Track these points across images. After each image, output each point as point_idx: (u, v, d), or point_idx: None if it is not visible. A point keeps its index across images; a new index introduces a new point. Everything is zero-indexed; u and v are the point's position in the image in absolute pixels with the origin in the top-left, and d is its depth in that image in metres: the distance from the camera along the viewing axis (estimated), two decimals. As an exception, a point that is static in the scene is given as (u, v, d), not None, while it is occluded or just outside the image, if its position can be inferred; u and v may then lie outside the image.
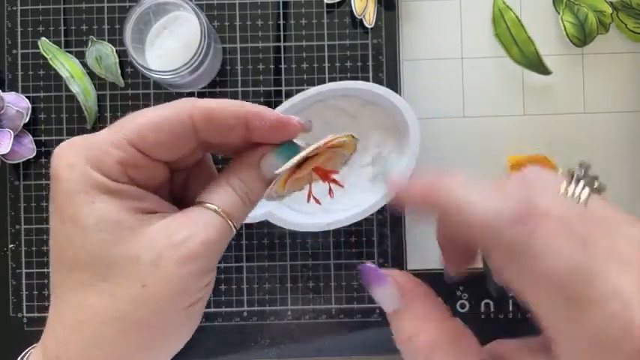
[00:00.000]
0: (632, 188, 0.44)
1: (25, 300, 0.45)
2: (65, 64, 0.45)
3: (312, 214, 0.42)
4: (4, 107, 0.43)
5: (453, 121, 0.45)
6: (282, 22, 0.45)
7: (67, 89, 0.45)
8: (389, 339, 0.24)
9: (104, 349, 0.22)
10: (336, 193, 0.42)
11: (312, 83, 0.45)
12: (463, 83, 0.45)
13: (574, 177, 0.22)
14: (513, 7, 0.44)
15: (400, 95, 0.44)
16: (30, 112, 0.44)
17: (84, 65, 0.45)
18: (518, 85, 0.45)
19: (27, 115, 0.44)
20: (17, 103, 0.44)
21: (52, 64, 0.44)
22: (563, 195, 0.22)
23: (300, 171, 0.27)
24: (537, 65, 0.44)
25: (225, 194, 0.25)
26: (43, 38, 0.45)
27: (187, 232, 0.23)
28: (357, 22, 0.45)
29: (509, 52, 0.44)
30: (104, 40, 0.45)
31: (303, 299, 0.44)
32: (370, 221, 0.44)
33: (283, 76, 0.45)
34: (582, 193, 0.22)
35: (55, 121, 0.45)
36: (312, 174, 0.28)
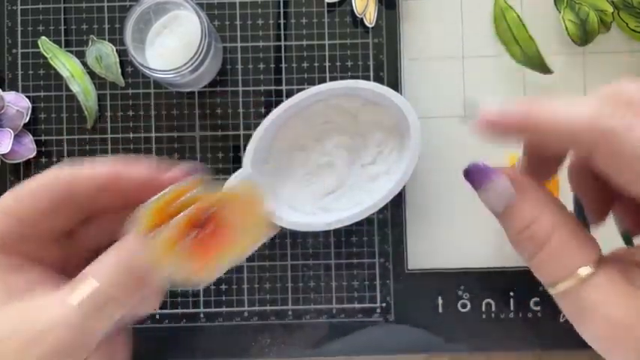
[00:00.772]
0: (634, 188, 0.44)
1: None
2: (65, 64, 0.44)
3: (313, 214, 0.42)
4: (4, 107, 0.43)
5: (454, 120, 0.45)
6: (282, 22, 0.45)
7: (68, 89, 0.45)
8: (390, 339, 0.24)
9: None
10: (336, 193, 0.43)
11: (312, 82, 0.44)
12: (464, 82, 0.45)
13: None
14: (514, 6, 0.44)
15: (401, 94, 0.44)
16: (30, 111, 0.44)
17: (84, 64, 0.45)
18: (520, 84, 0.45)
19: (27, 114, 0.44)
20: (17, 103, 0.44)
21: (52, 63, 0.44)
22: None
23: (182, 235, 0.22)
24: (538, 64, 0.44)
25: (102, 270, 0.22)
26: (43, 37, 0.45)
27: (39, 327, 0.21)
28: (357, 22, 0.45)
29: (510, 51, 0.44)
30: (104, 39, 0.45)
31: (304, 299, 0.44)
32: (370, 221, 0.44)
33: (284, 76, 0.45)
34: None
35: (55, 121, 0.45)
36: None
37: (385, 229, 0.44)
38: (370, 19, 0.44)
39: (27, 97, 0.44)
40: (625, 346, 0.22)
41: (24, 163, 0.44)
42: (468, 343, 0.44)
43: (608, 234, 0.28)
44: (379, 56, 0.45)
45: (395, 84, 0.44)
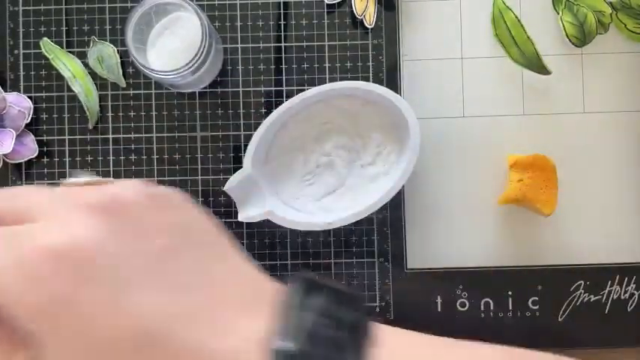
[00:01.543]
0: (632, 188, 0.44)
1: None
2: (67, 65, 0.45)
3: (313, 214, 0.43)
4: (6, 107, 0.43)
5: (453, 120, 0.45)
6: (282, 23, 0.45)
7: (69, 89, 0.45)
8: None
9: None
10: (336, 193, 0.43)
11: (312, 83, 0.45)
12: (463, 83, 0.45)
13: None
14: (513, 8, 0.44)
15: (400, 95, 0.44)
16: (32, 112, 0.44)
17: (85, 65, 0.45)
18: (518, 85, 0.45)
19: (29, 115, 0.44)
20: (19, 103, 0.44)
21: (53, 64, 0.45)
22: None
23: None
24: (537, 65, 0.44)
25: None
26: (45, 38, 0.45)
27: None
28: (357, 23, 0.45)
29: (509, 52, 0.44)
30: (106, 40, 0.45)
31: (304, 298, 0.45)
32: (370, 221, 0.44)
33: (284, 76, 0.45)
34: None
35: (57, 121, 0.45)
36: None
37: (384, 228, 0.45)
38: (370, 20, 0.45)
39: (29, 97, 0.45)
40: None
41: (26, 163, 0.45)
42: (466, 342, 0.44)
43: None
44: (379, 57, 0.45)
45: (394, 85, 0.45)
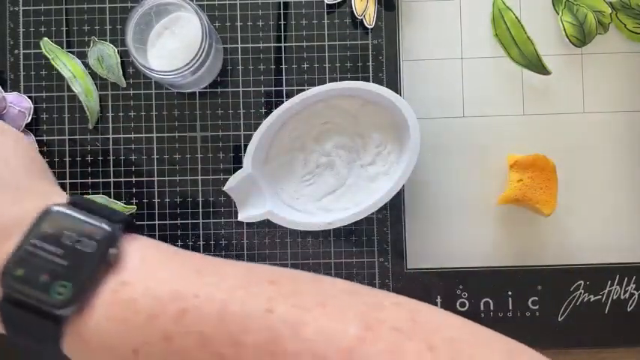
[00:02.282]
0: (632, 188, 0.45)
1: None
2: (67, 65, 0.45)
3: (313, 214, 0.43)
4: (6, 107, 0.43)
5: (452, 120, 0.45)
6: (282, 23, 0.45)
7: (69, 89, 0.45)
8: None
9: None
10: (336, 193, 0.43)
11: (312, 83, 0.45)
12: (463, 83, 0.45)
13: None
14: (513, 8, 0.44)
15: (400, 95, 0.44)
16: (32, 112, 0.44)
17: (86, 65, 0.45)
18: (518, 85, 0.45)
19: (29, 115, 0.44)
20: (19, 103, 0.44)
21: (54, 64, 0.45)
22: None
23: None
24: (537, 65, 0.44)
25: None
26: (45, 39, 0.45)
27: None
28: (357, 23, 0.45)
29: (508, 52, 0.45)
30: (106, 40, 0.45)
31: (304, 298, 0.45)
32: (370, 221, 0.45)
33: (284, 76, 0.45)
34: None
35: (57, 121, 0.45)
36: None
37: (384, 228, 0.45)
38: (370, 20, 0.45)
39: (29, 97, 0.45)
40: None
41: (26, 163, 0.45)
42: (466, 342, 0.44)
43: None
44: (378, 57, 0.45)
45: (394, 85, 0.45)
